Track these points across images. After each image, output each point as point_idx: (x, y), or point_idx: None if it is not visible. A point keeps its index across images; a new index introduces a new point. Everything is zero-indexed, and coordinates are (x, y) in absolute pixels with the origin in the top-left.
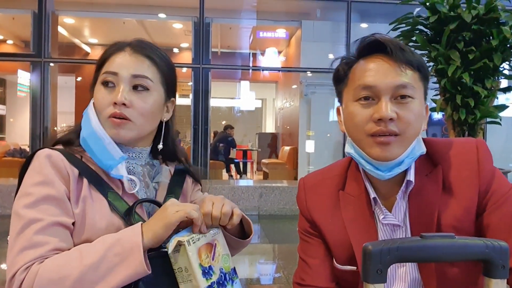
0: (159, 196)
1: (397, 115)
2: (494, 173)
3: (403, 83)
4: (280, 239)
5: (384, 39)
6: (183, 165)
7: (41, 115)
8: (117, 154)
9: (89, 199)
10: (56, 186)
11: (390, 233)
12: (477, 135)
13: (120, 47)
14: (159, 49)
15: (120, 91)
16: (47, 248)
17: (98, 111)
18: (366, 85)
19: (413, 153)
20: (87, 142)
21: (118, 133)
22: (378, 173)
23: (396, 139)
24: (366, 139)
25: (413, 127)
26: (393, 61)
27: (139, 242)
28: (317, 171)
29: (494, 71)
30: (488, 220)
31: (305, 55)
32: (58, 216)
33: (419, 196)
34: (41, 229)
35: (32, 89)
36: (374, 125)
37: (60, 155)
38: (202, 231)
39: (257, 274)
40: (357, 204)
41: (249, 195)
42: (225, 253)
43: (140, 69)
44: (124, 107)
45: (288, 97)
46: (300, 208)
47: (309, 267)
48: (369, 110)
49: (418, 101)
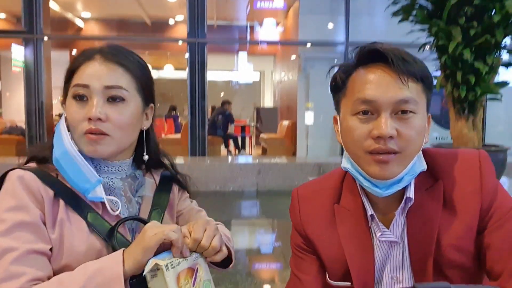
0: (143, 210)
1: (397, 132)
2: (497, 188)
3: (405, 97)
4: (278, 215)
5: (385, 49)
6: (169, 172)
7: (36, 91)
8: (93, 177)
9: (66, 222)
10: (30, 211)
11: (387, 250)
12: (478, 112)
13: (89, 56)
14: (132, 53)
15: (94, 105)
16: (24, 279)
17: (72, 127)
18: (366, 99)
19: (413, 170)
20: (59, 163)
21: (96, 150)
22: (376, 190)
23: (395, 157)
24: (364, 156)
25: (414, 144)
26: (395, 73)
27: (120, 272)
28: (311, 181)
29: (496, 47)
30: (489, 240)
31: (303, 27)
32: (34, 243)
33: (418, 212)
34: (17, 259)
35: (26, 65)
36: (372, 142)
37: (33, 176)
38: (184, 254)
39: (256, 246)
40: (353, 219)
41: (248, 172)
42: (206, 278)
43: (113, 79)
44: (99, 121)
45: (287, 70)
46: (294, 221)
47: (301, 283)
48: (368, 125)
49: (420, 116)
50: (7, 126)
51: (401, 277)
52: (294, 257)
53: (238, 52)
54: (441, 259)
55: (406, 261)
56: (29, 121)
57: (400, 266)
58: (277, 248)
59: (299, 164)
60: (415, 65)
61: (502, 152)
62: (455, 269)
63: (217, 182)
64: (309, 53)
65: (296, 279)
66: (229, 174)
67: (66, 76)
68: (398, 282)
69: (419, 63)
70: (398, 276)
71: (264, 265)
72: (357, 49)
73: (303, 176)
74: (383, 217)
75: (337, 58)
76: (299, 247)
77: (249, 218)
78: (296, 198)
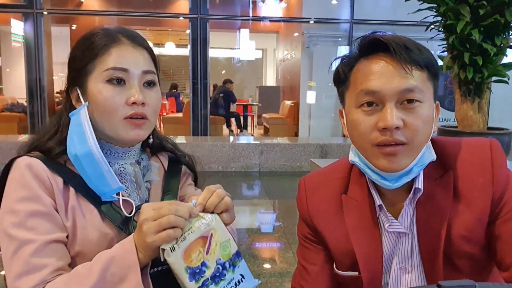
0: (153, 196)
1: (404, 122)
2: (508, 179)
3: (409, 86)
4: (279, 196)
5: (386, 38)
6: (176, 155)
7: (37, 67)
8: (114, 183)
9: (77, 209)
10: (42, 200)
11: (395, 240)
12: (484, 94)
13: (113, 38)
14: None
15: (137, 90)
16: (47, 271)
17: (108, 113)
18: (369, 90)
19: (422, 161)
20: (80, 161)
21: (138, 134)
22: (385, 183)
23: (403, 149)
24: (371, 149)
25: (421, 134)
26: (397, 62)
27: (135, 259)
28: (318, 171)
29: (505, 28)
30: (500, 230)
31: (307, 4)
32: (51, 233)
33: (428, 202)
34: (36, 251)
35: (26, 40)
36: (379, 134)
37: (41, 164)
38: (192, 214)
39: (256, 225)
40: (360, 209)
41: (250, 152)
42: (224, 239)
43: (147, 64)
44: (142, 106)
45: (290, 48)
46: (301, 211)
47: (308, 274)
48: (373, 117)
49: (427, 105)
50: (8, 103)
51: (410, 267)
52: (301, 247)
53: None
54: (451, 249)
55: (415, 251)
56: (30, 98)
57: (409, 256)
58: (278, 227)
59: (302, 145)
60: (419, 52)
61: (506, 135)
62: (465, 259)
63: (219, 162)
64: (313, 30)
65: (303, 269)
66: (232, 154)
67: (83, 59)
68: (407, 273)
69: (423, 50)
70: (407, 266)
71: (266, 245)
72: (358, 39)
73: (306, 157)
74: (391, 207)
75: (341, 36)
76: (306, 237)
77: (251, 198)
78: (303, 188)
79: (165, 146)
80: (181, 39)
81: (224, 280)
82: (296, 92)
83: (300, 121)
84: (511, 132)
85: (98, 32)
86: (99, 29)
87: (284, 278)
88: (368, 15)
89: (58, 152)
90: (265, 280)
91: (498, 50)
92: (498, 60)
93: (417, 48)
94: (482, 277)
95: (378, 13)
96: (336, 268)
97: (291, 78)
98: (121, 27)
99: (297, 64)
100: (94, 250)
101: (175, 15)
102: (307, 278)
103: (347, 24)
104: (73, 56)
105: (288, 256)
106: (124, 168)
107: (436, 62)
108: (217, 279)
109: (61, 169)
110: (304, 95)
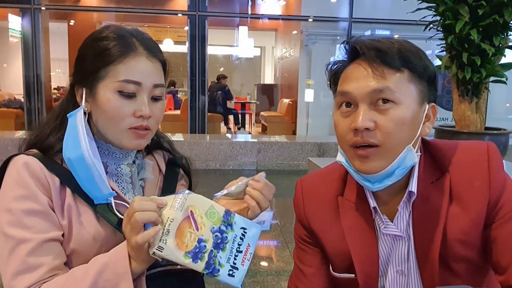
0: (147, 194)
1: (376, 124)
2: (505, 182)
3: (378, 87)
4: (277, 194)
5: (357, 42)
6: (171, 155)
7: (34, 63)
8: (105, 189)
9: (74, 208)
10: (38, 199)
11: (392, 243)
12: (481, 94)
13: (131, 47)
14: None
15: (145, 103)
16: (43, 271)
17: (114, 122)
18: (343, 91)
19: (404, 164)
20: (73, 165)
21: (140, 144)
22: (367, 184)
23: (376, 151)
24: (349, 150)
25: (394, 137)
26: (368, 65)
27: (127, 267)
28: (315, 172)
29: (504, 28)
30: (496, 234)
31: (306, 2)
32: (47, 231)
33: (424, 206)
34: (33, 250)
35: (23, 36)
36: (353, 135)
37: (38, 163)
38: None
39: None
40: (356, 211)
41: (248, 150)
42: (207, 208)
43: (158, 77)
44: (147, 118)
45: (288, 46)
46: (297, 213)
47: (304, 276)
48: (349, 119)
49: (403, 106)
50: (5, 99)
51: (406, 270)
52: (297, 249)
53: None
54: (447, 253)
55: (411, 254)
56: (27, 94)
57: (405, 259)
58: (275, 226)
59: (299, 144)
60: (395, 54)
61: (504, 135)
62: (461, 262)
63: (217, 160)
64: (312, 28)
65: (299, 271)
66: (230, 152)
67: (96, 63)
68: (404, 276)
69: (407, 51)
70: (404, 269)
71: (263, 243)
72: (342, 45)
73: (303, 155)
74: (387, 210)
75: (340, 35)
76: (302, 239)
77: None
78: (300, 190)
79: (162, 144)
80: (179, 36)
81: (228, 242)
82: (294, 90)
83: (298, 120)
84: (509, 132)
85: (112, 37)
86: (113, 30)
87: (281, 277)
88: (367, 14)
89: (59, 149)
90: (261, 278)
91: (496, 50)
92: (496, 60)
93: (397, 50)
94: (478, 281)
95: (377, 12)
96: (332, 270)
97: (289, 76)
98: (136, 30)
99: (295, 62)
100: (89, 249)
101: (173, 12)
102: (303, 280)
103: (346, 23)
104: (84, 55)
105: (285, 255)
106: (121, 169)
107: (422, 63)
108: (221, 245)
109: (58, 168)
110: (302, 93)
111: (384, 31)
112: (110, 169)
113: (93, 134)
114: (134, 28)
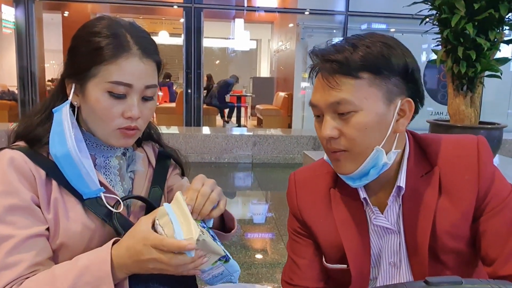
0: (136, 185)
1: (341, 131)
2: (494, 175)
3: (335, 100)
4: (272, 187)
5: (314, 53)
6: (161, 147)
7: (28, 54)
8: (93, 185)
9: (60, 201)
10: (20, 194)
11: (383, 234)
12: (476, 88)
13: (125, 46)
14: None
15: (134, 105)
16: (23, 267)
17: (103, 121)
18: (312, 103)
19: (377, 164)
20: (60, 161)
21: (127, 143)
22: (349, 182)
23: (345, 155)
24: (327, 153)
25: (360, 142)
26: (324, 77)
27: (108, 271)
28: (308, 165)
29: (499, 22)
30: (485, 226)
31: None
32: (29, 227)
33: (413, 199)
34: (14, 247)
35: (17, 27)
36: (325, 142)
37: (23, 156)
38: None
39: (248, 216)
40: (348, 203)
41: (243, 143)
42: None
43: (151, 78)
44: (136, 119)
45: (284, 39)
46: (290, 206)
47: (297, 267)
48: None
49: (364, 113)
50: None
51: (398, 262)
52: (291, 241)
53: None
54: (437, 245)
55: (402, 246)
56: (21, 86)
57: (397, 251)
58: (270, 218)
59: (295, 137)
60: (353, 62)
61: (497, 129)
62: (450, 254)
63: (212, 153)
64: (308, 21)
65: (293, 263)
66: (225, 145)
67: (88, 59)
68: (396, 268)
69: (369, 56)
70: (396, 261)
71: (258, 235)
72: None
73: (299, 148)
74: (378, 201)
75: (336, 28)
76: (296, 231)
77: (244, 189)
78: (293, 183)
79: (152, 136)
80: (175, 28)
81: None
82: (290, 83)
83: (294, 113)
84: (502, 127)
85: (106, 34)
86: (107, 25)
87: (275, 269)
88: (363, 7)
89: (46, 141)
90: (256, 270)
91: (491, 45)
92: (492, 54)
93: (359, 56)
94: (467, 272)
95: (373, 5)
96: (325, 261)
97: (285, 69)
98: (131, 26)
99: (291, 55)
100: (78, 242)
101: (169, 3)
102: (296, 272)
103: (342, 16)
104: (76, 49)
105: (279, 247)
106: (109, 161)
107: (384, 60)
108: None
109: (45, 161)
110: (298, 86)
111: (380, 24)
112: (99, 161)
113: (81, 126)
114: (130, 22)
